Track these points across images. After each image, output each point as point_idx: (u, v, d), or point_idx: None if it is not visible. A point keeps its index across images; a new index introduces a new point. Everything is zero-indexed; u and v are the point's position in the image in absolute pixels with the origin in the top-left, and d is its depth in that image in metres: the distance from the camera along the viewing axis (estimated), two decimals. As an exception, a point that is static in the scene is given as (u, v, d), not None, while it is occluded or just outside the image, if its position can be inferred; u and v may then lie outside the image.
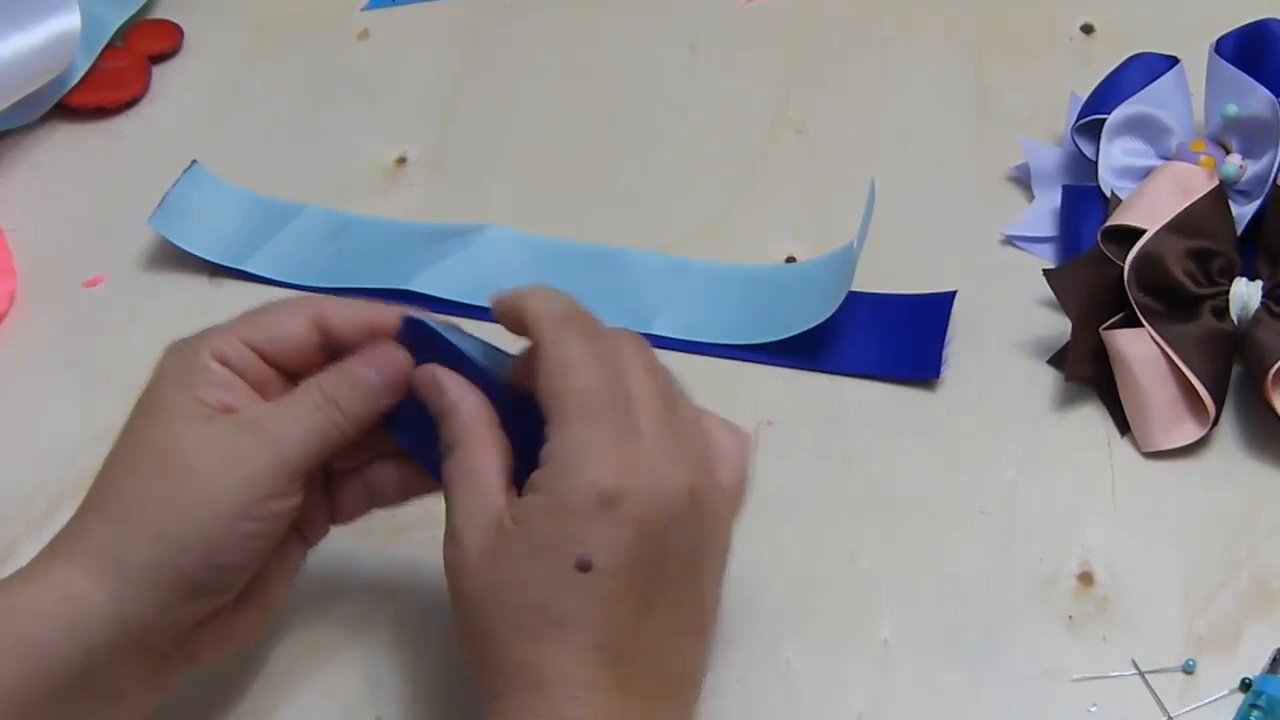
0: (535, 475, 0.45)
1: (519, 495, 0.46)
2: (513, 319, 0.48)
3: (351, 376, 0.49)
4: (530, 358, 0.47)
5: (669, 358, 0.63)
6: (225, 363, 0.49)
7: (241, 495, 0.46)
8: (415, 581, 0.56)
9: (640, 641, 0.45)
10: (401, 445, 0.51)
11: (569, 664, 0.43)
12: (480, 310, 0.65)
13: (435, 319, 0.50)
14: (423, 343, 0.49)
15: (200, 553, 0.46)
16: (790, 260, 0.66)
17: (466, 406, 0.48)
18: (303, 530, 0.51)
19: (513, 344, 0.49)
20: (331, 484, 0.52)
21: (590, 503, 0.44)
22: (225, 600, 0.48)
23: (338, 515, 0.52)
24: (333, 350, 0.50)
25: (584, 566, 0.43)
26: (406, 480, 0.52)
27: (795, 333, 0.62)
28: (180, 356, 0.49)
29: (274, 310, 0.50)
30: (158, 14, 0.81)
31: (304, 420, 0.48)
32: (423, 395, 0.48)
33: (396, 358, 0.49)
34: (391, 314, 0.50)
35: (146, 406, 0.49)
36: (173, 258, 0.69)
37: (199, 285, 0.68)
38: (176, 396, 0.48)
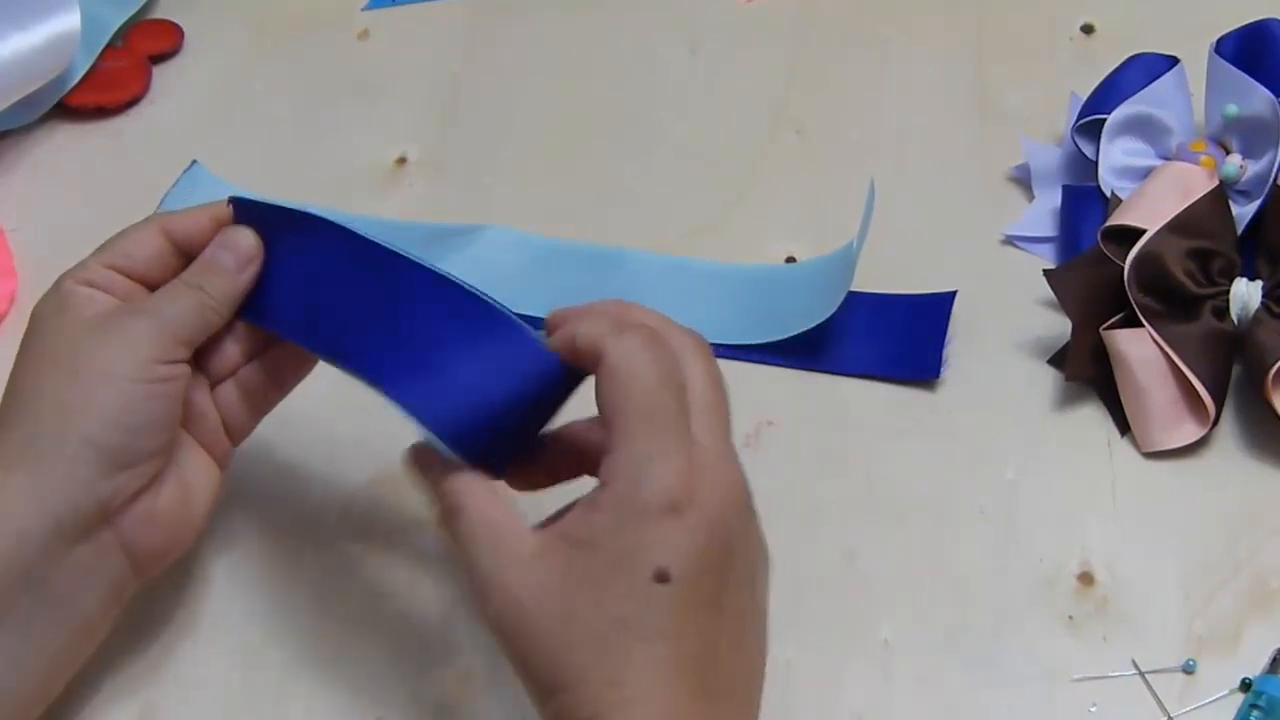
0: (597, 495, 0.44)
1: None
2: (568, 336, 0.47)
3: (209, 261, 0.52)
4: (595, 370, 0.46)
5: (669, 358, 0.63)
6: (91, 285, 0.52)
7: (128, 357, 0.49)
8: (416, 581, 0.56)
9: (717, 648, 0.45)
10: (270, 330, 0.53)
11: (657, 677, 0.43)
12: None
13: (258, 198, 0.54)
14: (260, 218, 0.53)
15: (100, 416, 0.49)
16: (790, 260, 0.66)
17: (460, 467, 0.47)
18: (208, 448, 0.53)
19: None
20: (216, 401, 0.54)
21: (661, 513, 0.43)
22: (140, 475, 0.50)
23: (230, 431, 0.54)
24: (185, 252, 0.53)
25: (662, 577, 0.43)
26: (278, 371, 0.54)
27: (795, 333, 0.62)
28: (48, 298, 0.52)
29: (124, 232, 0.54)
30: (158, 14, 0.81)
31: (177, 299, 0.52)
32: (417, 467, 0.49)
33: (244, 234, 0.53)
34: (222, 203, 0.54)
35: (29, 337, 0.52)
36: (173, 258, 0.69)
37: (199, 285, 0.68)
38: (52, 320, 0.51)
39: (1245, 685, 0.52)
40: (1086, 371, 0.59)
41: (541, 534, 0.45)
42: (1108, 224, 0.60)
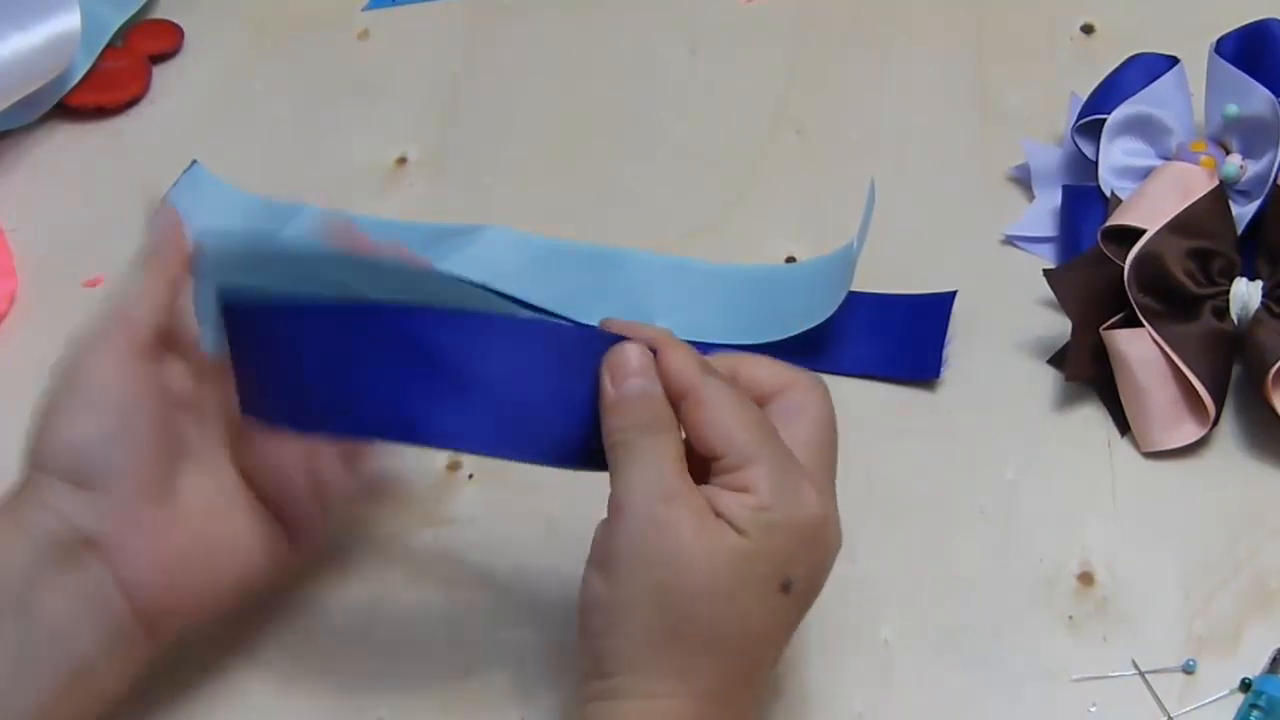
0: (760, 496, 0.45)
1: None
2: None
3: (149, 246, 0.52)
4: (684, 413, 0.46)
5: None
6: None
7: (81, 362, 0.49)
8: (417, 581, 0.56)
9: (777, 656, 0.48)
10: (307, 434, 0.49)
11: (733, 676, 0.45)
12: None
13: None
14: (259, 316, 0.48)
15: (54, 432, 0.48)
16: (790, 260, 0.66)
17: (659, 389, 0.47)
18: (277, 511, 0.51)
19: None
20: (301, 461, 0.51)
21: (812, 530, 0.45)
22: (115, 500, 0.48)
23: (324, 495, 0.52)
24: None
25: (786, 588, 0.45)
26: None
27: (795, 333, 0.62)
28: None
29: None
30: (158, 14, 0.81)
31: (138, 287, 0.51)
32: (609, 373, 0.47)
33: (169, 213, 0.53)
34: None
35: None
36: (173, 258, 0.69)
37: (199, 285, 0.68)
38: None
39: (1245, 685, 0.51)
40: (1086, 371, 0.59)
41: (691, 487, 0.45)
42: (1108, 224, 0.60)
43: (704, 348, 0.63)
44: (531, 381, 0.46)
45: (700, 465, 0.46)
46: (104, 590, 0.48)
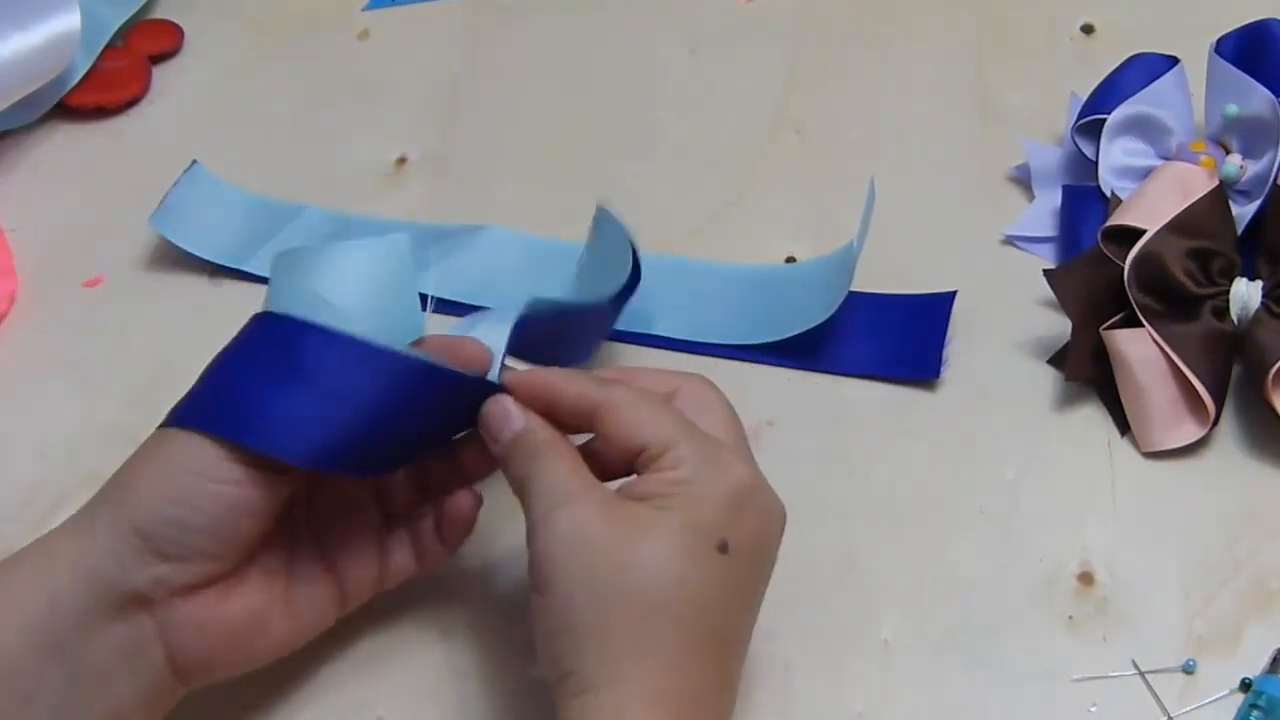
0: (667, 468, 0.47)
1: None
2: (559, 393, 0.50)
3: None
4: (599, 423, 0.49)
5: (669, 358, 0.63)
6: None
7: (197, 449, 0.47)
8: (417, 581, 0.56)
9: (737, 622, 0.48)
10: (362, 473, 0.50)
11: (692, 643, 0.46)
12: (480, 310, 0.65)
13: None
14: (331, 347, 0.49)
15: (153, 503, 0.47)
16: (790, 260, 0.66)
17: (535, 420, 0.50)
18: (343, 591, 0.52)
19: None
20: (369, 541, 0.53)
21: (737, 494, 0.47)
22: (188, 573, 0.48)
23: (387, 574, 0.54)
24: None
25: (724, 548, 0.46)
26: (452, 522, 0.53)
27: (795, 333, 0.62)
28: None
29: None
30: (158, 14, 0.81)
31: None
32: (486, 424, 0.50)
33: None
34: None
35: None
36: (173, 258, 0.69)
37: (199, 285, 0.68)
38: None
39: (1245, 685, 0.51)
40: (1086, 371, 0.59)
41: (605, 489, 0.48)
42: (1108, 224, 0.60)
43: (704, 348, 0.63)
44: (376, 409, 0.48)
45: (627, 472, 0.49)
46: (148, 646, 0.48)
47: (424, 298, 0.65)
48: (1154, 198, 0.60)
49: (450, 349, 0.51)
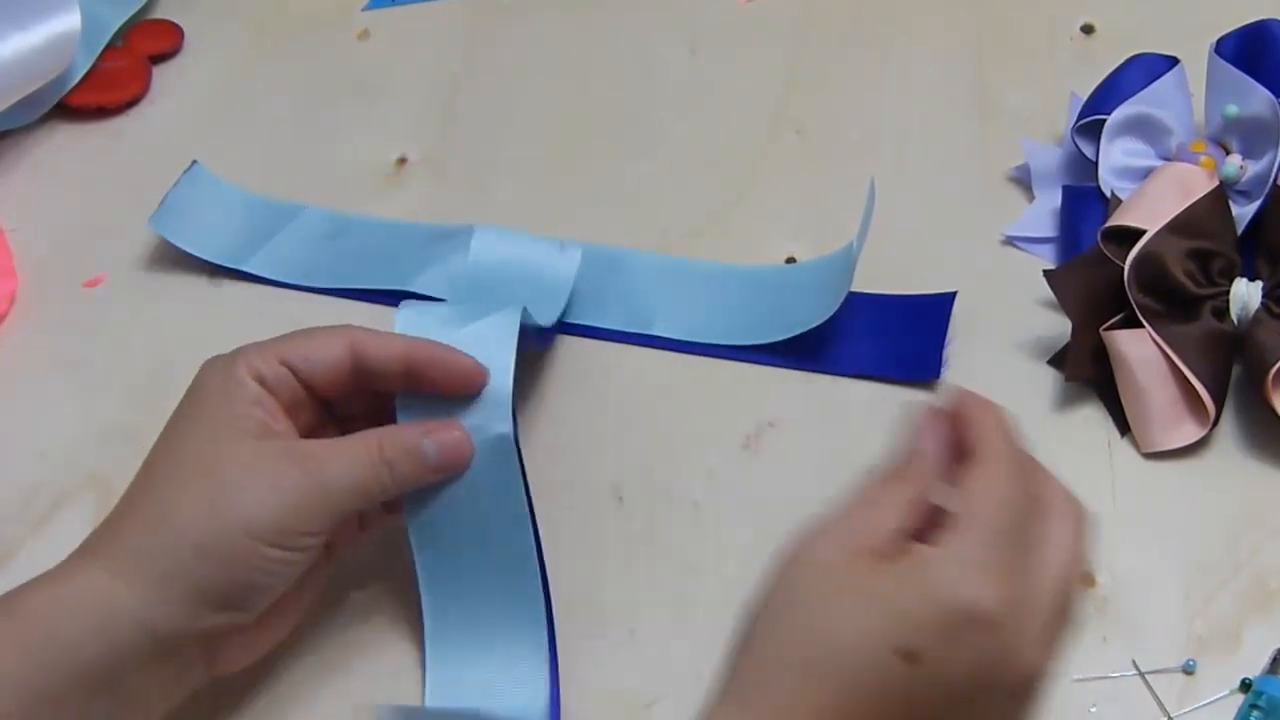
0: (924, 553, 0.42)
1: None
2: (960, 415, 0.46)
3: (414, 447, 0.50)
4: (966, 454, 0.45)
5: (669, 358, 0.63)
6: (260, 380, 0.50)
7: (278, 523, 0.48)
8: (411, 576, 0.56)
9: None
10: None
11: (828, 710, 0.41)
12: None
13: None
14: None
15: (229, 570, 0.47)
16: (790, 260, 0.66)
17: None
18: (331, 543, 0.52)
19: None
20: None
21: (963, 613, 0.41)
22: (246, 617, 0.49)
23: (364, 524, 0.54)
24: (363, 376, 0.51)
25: (909, 657, 0.41)
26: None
27: (795, 333, 0.62)
28: (218, 371, 0.51)
29: (312, 334, 0.52)
30: (158, 14, 0.81)
31: (355, 472, 0.49)
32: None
33: (462, 445, 0.51)
34: (421, 344, 0.51)
35: (187, 417, 0.50)
36: (173, 258, 0.69)
37: (199, 285, 0.68)
38: (217, 410, 0.50)
39: (1245, 685, 0.51)
40: (1086, 372, 0.59)
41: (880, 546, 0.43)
42: (1108, 224, 0.60)
43: (704, 348, 0.63)
44: None
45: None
46: (193, 669, 0.50)
47: (424, 298, 0.65)
48: (1154, 198, 0.60)
49: (446, 367, 0.51)
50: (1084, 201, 0.64)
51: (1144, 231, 0.58)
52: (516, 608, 0.53)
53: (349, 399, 0.53)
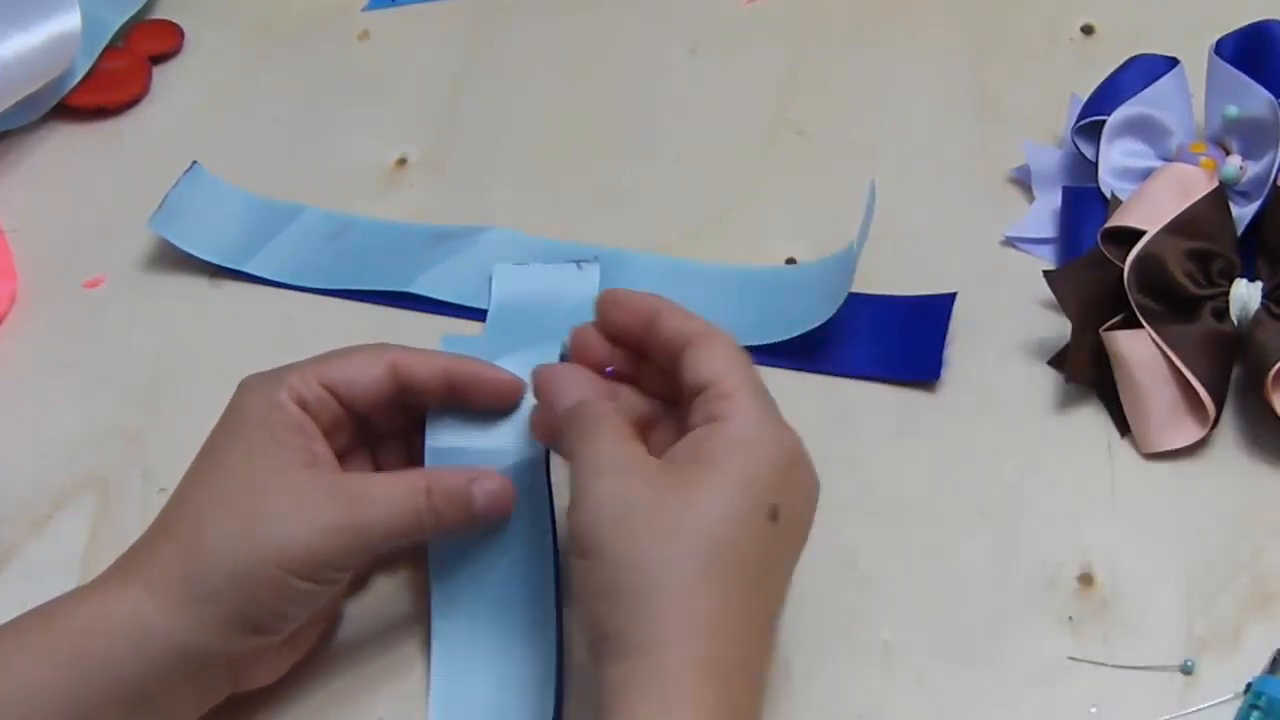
0: (716, 427, 0.46)
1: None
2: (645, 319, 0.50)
3: (461, 494, 0.50)
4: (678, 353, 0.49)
5: (669, 358, 0.63)
6: (303, 404, 0.50)
7: (313, 558, 0.48)
8: (417, 581, 0.56)
9: (779, 590, 0.48)
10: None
11: (739, 609, 0.45)
12: (481, 312, 0.65)
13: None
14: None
15: (260, 598, 0.48)
16: (790, 261, 0.66)
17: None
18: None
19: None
20: None
21: (791, 459, 0.47)
22: (276, 640, 0.50)
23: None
24: (403, 394, 0.52)
25: (773, 515, 0.46)
26: None
27: (796, 334, 0.62)
28: (260, 394, 0.50)
29: (352, 354, 0.52)
30: (158, 14, 0.81)
31: (397, 513, 0.49)
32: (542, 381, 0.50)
33: (506, 497, 0.51)
34: (461, 361, 0.52)
35: (227, 439, 0.50)
36: (173, 258, 0.69)
37: (199, 286, 0.68)
38: (258, 436, 0.49)
39: (1246, 687, 0.51)
40: (1086, 373, 0.59)
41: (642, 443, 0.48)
42: (1107, 225, 0.60)
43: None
44: None
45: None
46: (219, 686, 0.51)
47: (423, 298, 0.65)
48: (1154, 199, 0.60)
49: (486, 382, 0.52)
50: (1084, 202, 0.64)
51: (1144, 232, 0.58)
52: (527, 633, 0.53)
53: (386, 417, 0.53)
